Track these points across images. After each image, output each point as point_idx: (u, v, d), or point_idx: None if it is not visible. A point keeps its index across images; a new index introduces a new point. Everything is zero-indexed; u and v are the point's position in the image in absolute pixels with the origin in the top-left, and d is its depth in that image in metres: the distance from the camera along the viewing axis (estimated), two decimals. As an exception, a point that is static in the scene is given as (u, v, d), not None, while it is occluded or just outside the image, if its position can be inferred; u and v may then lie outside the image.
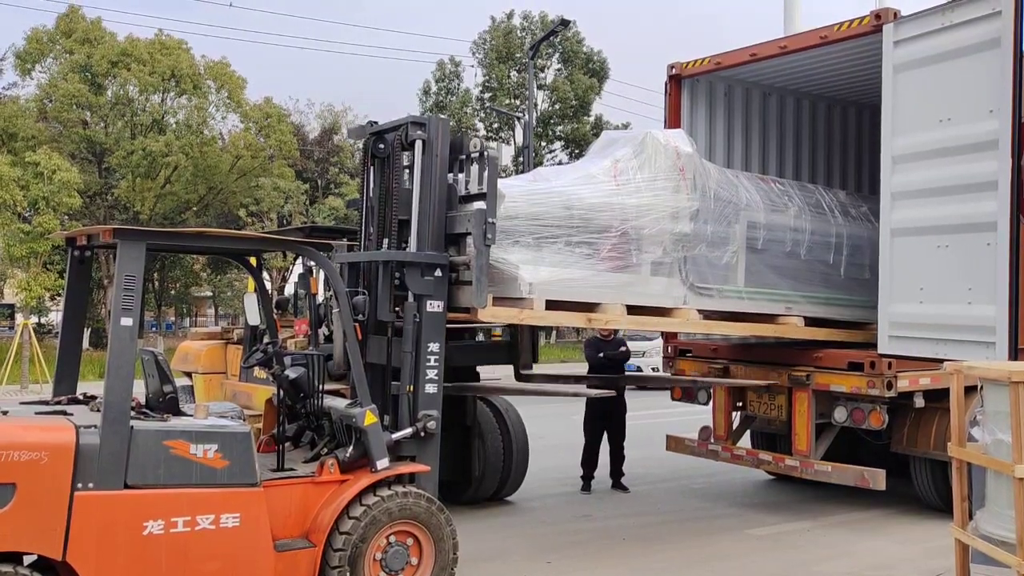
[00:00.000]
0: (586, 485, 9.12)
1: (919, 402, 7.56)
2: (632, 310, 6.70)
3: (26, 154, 23.10)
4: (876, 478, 7.25)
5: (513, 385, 7.90)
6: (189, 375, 9.47)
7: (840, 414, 7.66)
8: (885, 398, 7.32)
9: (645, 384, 8.60)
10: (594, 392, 7.20)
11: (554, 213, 6.34)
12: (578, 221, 6.42)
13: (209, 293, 46.01)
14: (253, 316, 6.06)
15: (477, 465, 8.08)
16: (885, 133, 7.16)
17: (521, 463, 8.42)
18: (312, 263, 5.83)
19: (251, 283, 7.42)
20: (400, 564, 5.30)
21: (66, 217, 24.73)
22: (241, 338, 8.74)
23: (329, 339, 6.93)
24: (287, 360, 5.69)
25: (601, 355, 9.12)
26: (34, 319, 25.74)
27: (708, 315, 7.24)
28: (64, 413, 4.87)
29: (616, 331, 9.15)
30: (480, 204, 5.88)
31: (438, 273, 5.76)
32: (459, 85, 35.99)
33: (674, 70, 8.89)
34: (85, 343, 27.52)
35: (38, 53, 28.84)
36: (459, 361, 7.59)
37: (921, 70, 6.91)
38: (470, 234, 5.77)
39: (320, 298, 7.41)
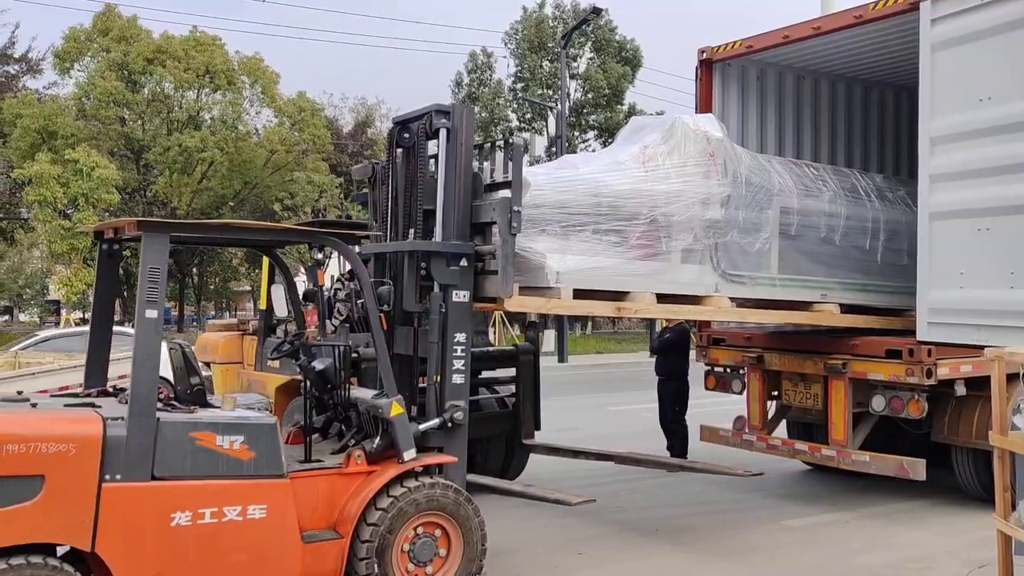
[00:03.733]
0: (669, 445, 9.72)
1: (960, 390, 7.37)
2: (663, 298, 6.59)
3: (66, 152, 23.45)
4: (916, 468, 7.08)
5: (502, 484, 7.29)
6: (208, 365, 9.67)
7: (878, 403, 7.49)
8: (924, 386, 7.14)
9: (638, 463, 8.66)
10: (576, 500, 6.49)
11: (581, 201, 6.24)
12: (606, 209, 6.31)
13: (248, 287, 46.50)
14: (280, 307, 6.06)
15: (479, 451, 8.02)
16: (923, 114, 6.95)
17: (524, 450, 8.36)
18: (321, 256, 5.79)
19: (264, 276, 7.47)
20: (428, 555, 5.27)
21: (105, 213, 25.09)
22: (256, 329, 8.99)
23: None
24: (314, 351, 5.68)
25: (654, 341, 10.34)
26: (77, 314, 26.17)
27: (741, 303, 7.11)
28: (92, 405, 4.91)
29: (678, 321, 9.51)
30: (505, 192, 5.81)
31: (464, 263, 5.71)
32: (491, 76, 35.92)
33: (705, 55, 8.74)
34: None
35: (76, 52, 29.28)
36: None
37: (960, 48, 6.70)
38: (496, 223, 5.70)
39: (328, 290, 7.48)
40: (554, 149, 27.93)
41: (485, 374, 8.58)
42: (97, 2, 35.77)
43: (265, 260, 9.85)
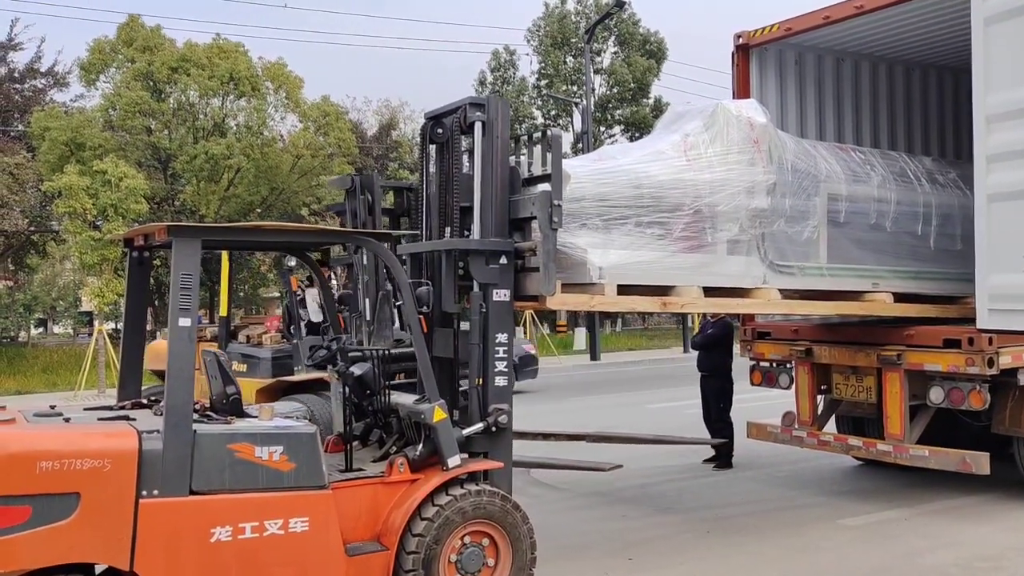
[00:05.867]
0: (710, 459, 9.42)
1: (1023, 379, 7.05)
2: (709, 292, 6.34)
3: (94, 163, 23.51)
4: (980, 462, 6.78)
5: (538, 460, 8.09)
6: (161, 375, 9.52)
7: (936, 395, 7.17)
8: (986, 376, 6.83)
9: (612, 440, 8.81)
10: (608, 467, 7.44)
11: (622, 193, 6.00)
12: (648, 200, 6.08)
13: (276, 293, 46.72)
14: (315, 312, 5.88)
15: None
16: (977, 92, 6.65)
17: None
18: (294, 263, 5.63)
19: (223, 278, 7.33)
20: (476, 566, 5.06)
21: (135, 223, 25.17)
22: (214, 336, 8.89)
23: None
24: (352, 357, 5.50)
25: (696, 336, 10.02)
26: (109, 325, 26.29)
27: (789, 294, 6.85)
28: (127, 418, 4.75)
29: (720, 314, 9.28)
30: (545, 186, 5.57)
31: (503, 260, 5.49)
32: (515, 74, 35.69)
33: (741, 39, 8.48)
34: (158, 346, 28.01)
35: (101, 63, 29.35)
36: None
37: (1015, 20, 6.40)
38: (535, 218, 5.46)
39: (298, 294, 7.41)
40: (580, 145, 27.68)
41: None
42: (121, 13, 36.01)
43: (224, 262, 9.62)
